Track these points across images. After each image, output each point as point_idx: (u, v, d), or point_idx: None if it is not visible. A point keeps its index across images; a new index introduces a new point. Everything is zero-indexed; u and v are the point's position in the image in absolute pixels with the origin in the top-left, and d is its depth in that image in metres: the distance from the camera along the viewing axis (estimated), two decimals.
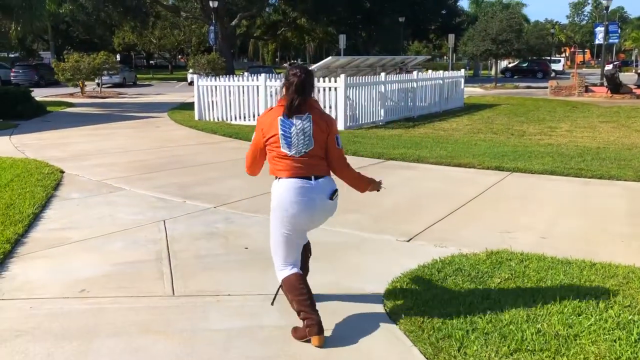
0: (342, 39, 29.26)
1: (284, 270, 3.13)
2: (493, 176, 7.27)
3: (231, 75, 15.08)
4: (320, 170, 3.04)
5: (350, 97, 12.82)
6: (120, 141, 10.77)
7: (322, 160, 3.06)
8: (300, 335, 3.02)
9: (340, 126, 12.56)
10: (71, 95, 25.41)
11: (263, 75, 13.58)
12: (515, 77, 45.99)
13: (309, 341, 2.98)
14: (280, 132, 2.97)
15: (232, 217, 5.40)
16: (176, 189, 6.57)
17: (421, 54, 55.00)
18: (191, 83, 34.24)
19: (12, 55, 58.35)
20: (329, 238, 4.78)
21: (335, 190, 3.09)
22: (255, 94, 13.69)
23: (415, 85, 15.65)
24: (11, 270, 4.00)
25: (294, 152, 2.98)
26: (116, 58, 50.84)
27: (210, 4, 29.69)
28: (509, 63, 49.77)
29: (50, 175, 7.11)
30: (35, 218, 5.24)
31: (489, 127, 13.10)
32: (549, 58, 53.10)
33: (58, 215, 5.43)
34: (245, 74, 14.96)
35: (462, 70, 19.99)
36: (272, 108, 3.09)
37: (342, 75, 12.54)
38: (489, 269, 3.92)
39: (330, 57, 13.97)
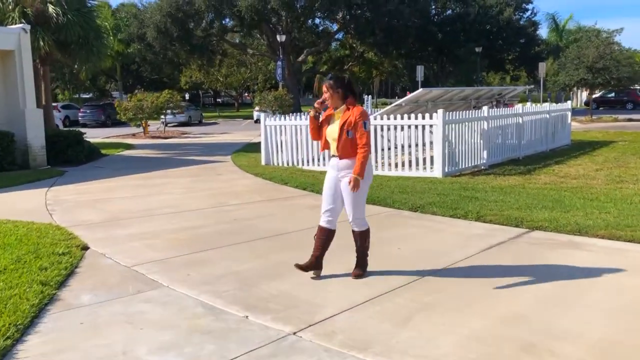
0: (420, 70, 26.99)
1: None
2: None
3: (299, 113, 13.11)
4: None
5: (449, 136, 10.43)
6: (173, 196, 8.81)
7: None
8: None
9: (436, 172, 10.18)
10: (133, 135, 24.35)
11: None
12: (601, 108, 41.96)
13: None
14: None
15: None
16: (234, 286, 4.37)
17: (491, 85, 51.84)
18: (257, 121, 32.91)
19: (86, 96, 59.91)
20: None
21: None
22: None
23: (520, 121, 13.07)
24: None
25: None
26: (185, 96, 50.98)
27: (278, 38, 28.33)
28: (589, 94, 45.66)
29: (65, 257, 5.09)
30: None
31: (629, 172, 10.29)
32: (638, 88, 48.65)
33: (42, 349, 3.30)
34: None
35: (568, 102, 17.19)
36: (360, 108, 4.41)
37: (440, 111, 10.19)
38: None
39: (421, 90, 11.71)
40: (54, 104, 38.40)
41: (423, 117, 10.41)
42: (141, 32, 37.24)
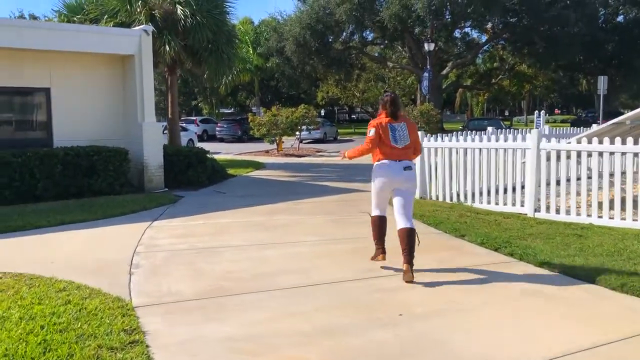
0: (603, 81, 22.45)
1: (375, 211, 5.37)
2: None
3: (456, 132, 10.04)
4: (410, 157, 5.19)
5: None
6: (300, 248, 6.24)
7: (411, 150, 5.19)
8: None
9: None
10: (267, 152, 22.72)
11: (535, 132, 8.23)
12: None
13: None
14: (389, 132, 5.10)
15: None
16: None
17: None
18: None
19: (227, 111, 61.19)
20: None
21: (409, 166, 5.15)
22: (511, 159, 8.53)
23: None
24: None
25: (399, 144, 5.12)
26: (320, 112, 49.68)
27: (426, 46, 25.38)
28: None
29: None
30: None
31: None
32: None
33: None
34: (490, 129, 9.87)
35: None
36: (379, 118, 5.26)
37: None
38: None
39: None
40: (192, 118, 38.89)
41: None
42: (280, 46, 36.33)
